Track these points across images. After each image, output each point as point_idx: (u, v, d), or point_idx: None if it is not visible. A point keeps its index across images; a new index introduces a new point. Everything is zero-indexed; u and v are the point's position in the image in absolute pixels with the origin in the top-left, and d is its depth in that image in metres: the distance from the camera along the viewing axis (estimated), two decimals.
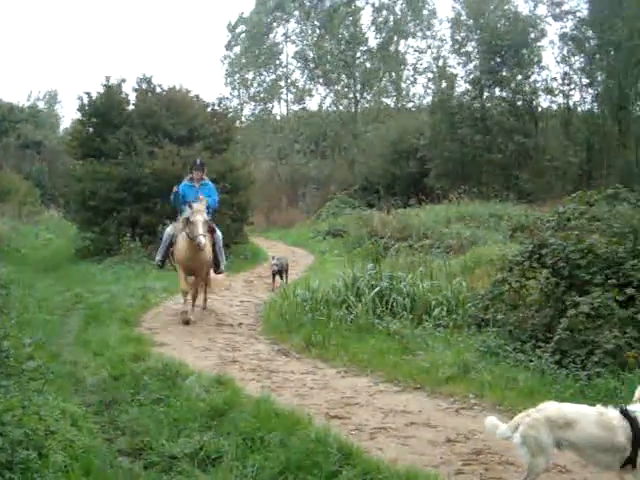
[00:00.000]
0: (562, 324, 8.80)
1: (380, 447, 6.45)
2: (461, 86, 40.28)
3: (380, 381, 8.99)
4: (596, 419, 4.93)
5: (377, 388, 8.71)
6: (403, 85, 53.20)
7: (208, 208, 12.88)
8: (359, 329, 11.02)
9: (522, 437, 5.03)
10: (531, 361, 8.72)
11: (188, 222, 12.42)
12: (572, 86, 41.79)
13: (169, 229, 13.58)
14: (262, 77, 53.98)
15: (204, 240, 12.20)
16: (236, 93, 54.73)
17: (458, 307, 11.32)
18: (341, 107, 51.74)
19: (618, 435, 4.80)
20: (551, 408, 5.12)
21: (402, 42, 52.83)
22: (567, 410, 5.08)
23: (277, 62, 54.18)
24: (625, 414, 4.89)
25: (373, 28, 51.23)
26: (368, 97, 53.03)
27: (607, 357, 8.19)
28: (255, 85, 54.34)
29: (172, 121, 23.76)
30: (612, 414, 4.93)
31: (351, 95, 51.21)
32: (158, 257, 13.79)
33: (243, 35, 54.08)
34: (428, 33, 51.77)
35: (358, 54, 50.88)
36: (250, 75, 54.16)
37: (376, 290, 11.83)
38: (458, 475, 5.81)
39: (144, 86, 25.14)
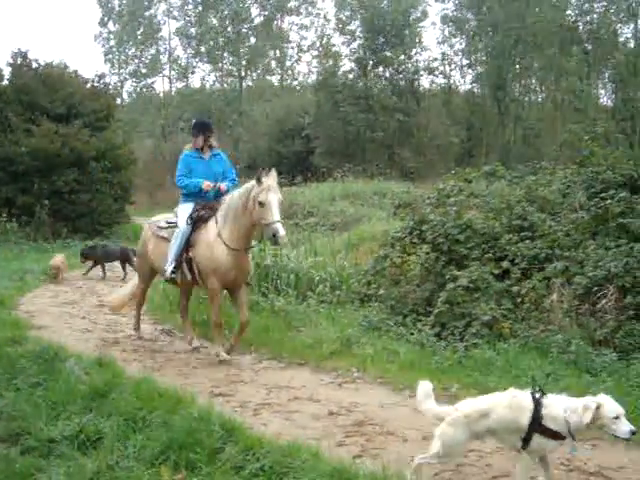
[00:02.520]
0: (441, 298, 9.06)
1: (264, 423, 6.45)
2: (345, 65, 40.63)
3: (264, 358, 9.00)
4: (509, 402, 4.99)
5: (261, 365, 8.72)
6: (288, 63, 53.26)
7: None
8: None
9: (440, 432, 5.05)
10: (412, 334, 8.93)
11: (256, 205, 8.34)
12: (452, 66, 42.87)
13: (182, 224, 9.04)
14: (142, 53, 52.71)
15: (285, 232, 8.53)
16: (116, 70, 53.37)
17: (342, 283, 11.46)
18: (226, 85, 51.31)
19: (524, 416, 4.90)
20: (466, 405, 5.17)
21: (286, 19, 52.81)
22: (481, 403, 5.12)
23: (158, 37, 53.08)
24: (533, 397, 4.98)
25: (257, 5, 50.91)
26: (253, 75, 52.80)
27: (484, 328, 8.49)
28: (136, 61, 53.09)
29: (49, 98, 23.04)
30: (523, 396, 5.02)
31: (236, 73, 50.80)
32: (169, 265, 9.02)
33: (122, 10, 52.60)
34: (312, 10, 51.88)
35: (243, 31, 50.44)
36: (131, 51, 52.86)
37: (260, 268, 11.80)
38: (340, 447, 5.87)
39: (19, 61, 24.25)
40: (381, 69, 40.42)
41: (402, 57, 39.59)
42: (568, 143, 18.69)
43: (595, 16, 38.72)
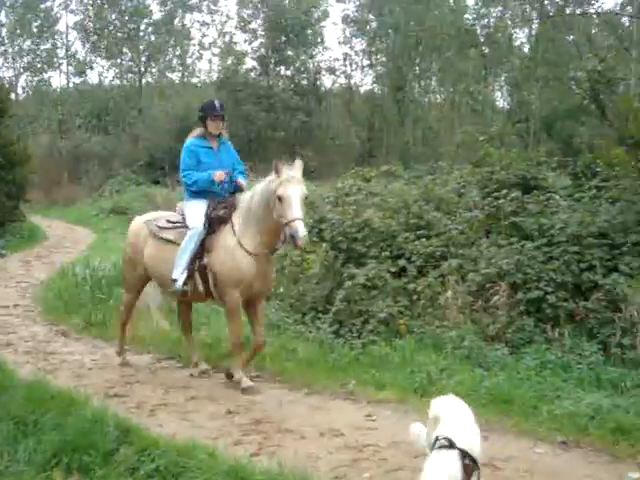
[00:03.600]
0: (340, 295, 9.15)
1: (160, 423, 6.39)
2: (247, 63, 40.51)
3: (162, 358, 8.92)
4: None
5: (159, 365, 8.66)
6: (189, 60, 52.71)
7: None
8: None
9: None
10: (311, 332, 8.98)
11: (277, 200, 7.11)
12: (354, 67, 43.28)
13: (195, 224, 7.64)
14: (38, 46, 51.14)
15: (305, 232, 7.17)
16: (10, 63, 51.64)
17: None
18: (125, 81, 50.38)
19: None
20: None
21: (187, 16, 52.26)
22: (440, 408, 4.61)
23: (54, 31, 51.62)
24: None
25: (157, 1, 50.24)
26: (153, 71, 52.03)
27: (381, 325, 8.64)
28: (31, 55, 51.49)
29: None
30: None
31: (135, 69, 49.96)
32: (179, 275, 7.61)
33: (15, 1, 50.85)
34: (214, 8, 51.50)
35: (142, 27, 49.65)
36: (25, 44, 51.21)
37: None
38: (237, 445, 5.87)
39: None
40: (283, 68, 40.52)
41: (304, 57, 39.78)
42: (464, 144, 19.15)
43: (492, 20, 39.75)
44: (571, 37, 30.85)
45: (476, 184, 10.99)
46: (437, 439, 4.01)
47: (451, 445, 3.93)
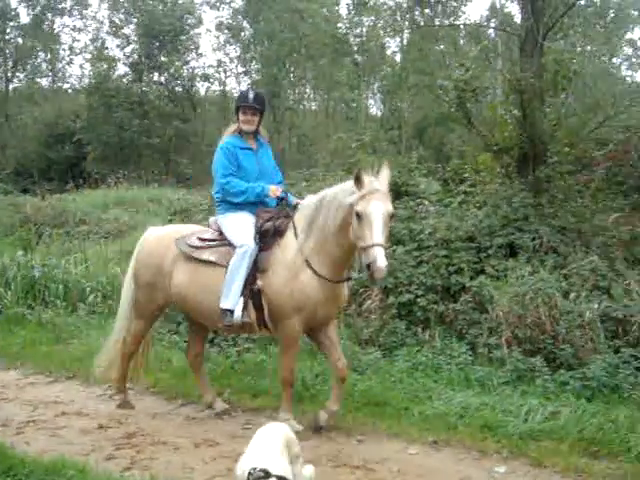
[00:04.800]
0: None
1: (27, 441, 6.17)
2: (120, 69, 39.74)
3: (30, 373, 8.61)
4: None
5: (27, 380, 8.35)
6: (59, 65, 51.16)
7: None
8: (8, 321, 10.47)
9: None
10: (186, 342, 8.85)
11: (355, 217, 5.80)
12: (228, 74, 43.12)
13: (244, 241, 6.34)
14: None
15: (385, 263, 5.68)
16: None
17: (114, 293, 11.15)
18: None
19: None
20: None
21: (57, 20, 50.76)
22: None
23: None
24: None
25: (24, 3, 48.53)
26: (21, 76, 50.22)
27: None
28: None
29: None
30: None
31: (2, 74, 48.11)
32: (233, 304, 6.27)
33: None
34: (85, 12, 50.21)
35: (8, 30, 47.84)
36: None
37: (26, 279, 11.27)
38: (109, 460, 5.74)
39: None
40: (157, 74, 39.94)
41: (178, 63, 39.32)
42: (338, 151, 19.36)
43: (364, 29, 40.40)
44: (440, 47, 31.77)
45: None
46: (250, 473, 3.90)
47: (267, 475, 3.89)
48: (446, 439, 6.08)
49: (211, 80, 41.99)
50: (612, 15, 42.46)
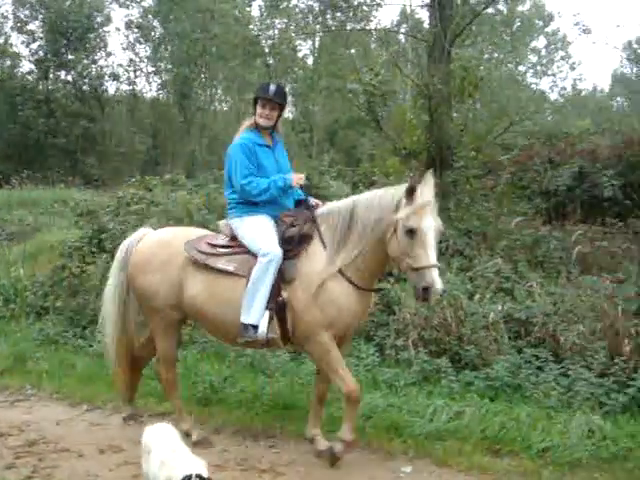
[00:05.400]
0: None
1: None
2: (25, 66, 38.68)
3: None
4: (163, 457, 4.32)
5: None
6: None
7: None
8: None
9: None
10: (91, 346, 8.70)
11: (401, 232, 5.27)
12: (138, 73, 42.49)
13: (269, 248, 5.66)
14: None
15: (442, 285, 5.23)
16: None
17: (16, 296, 10.85)
18: None
19: None
20: (146, 433, 4.73)
21: None
22: (149, 437, 4.61)
23: None
24: None
25: None
26: None
27: None
28: None
29: None
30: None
31: None
32: (257, 318, 5.61)
33: None
34: None
35: None
36: None
37: None
38: (9, 469, 5.56)
39: None
40: (64, 73, 39.03)
41: (86, 61, 38.52)
42: None
43: (276, 31, 40.40)
44: (351, 51, 32.02)
45: None
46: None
47: None
48: (354, 441, 6.09)
49: (120, 79, 41.29)
50: (518, 24, 43.69)
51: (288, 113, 43.08)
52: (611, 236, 10.18)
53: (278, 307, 5.60)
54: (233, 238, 6.02)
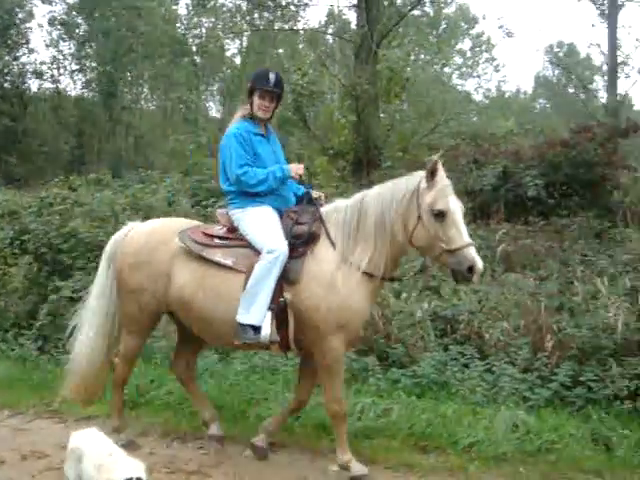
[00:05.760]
0: (44, 310, 8.74)
1: None
2: None
3: None
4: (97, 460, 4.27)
5: None
6: None
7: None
8: None
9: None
10: (13, 350, 8.51)
11: (427, 215, 5.10)
12: (62, 71, 41.65)
13: (274, 244, 5.29)
14: None
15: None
16: None
17: None
18: None
19: None
20: (74, 438, 4.61)
21: None
22: (80, 442, 4.48)
23: None
24: None
25: None
26: None
27: None
28: None
29: None
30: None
31: None
32: (259, 319, 5.21)
33: None
34: None
35: None
36: None
37: None
38: None
39: None
40: None
41: (7, 58, 37.55)
42: (176, 152, 19.15)
43: (204, 30, 40.13)
44: (279, 51, 32.07)
45: (186, 192, 11.03)
46: None
47: None
48: (282, 440, 6.09)
49: (44, 77, 40.37)
50: (444, 26, 44.34)
51: (216, 112, 43.01)
52: (534, 234, 10.42)
53: (278, 309, 5.26)
54: (231, 229, 5.67)
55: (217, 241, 5.60)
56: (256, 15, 32.57)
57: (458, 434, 5.91)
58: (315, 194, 5.80)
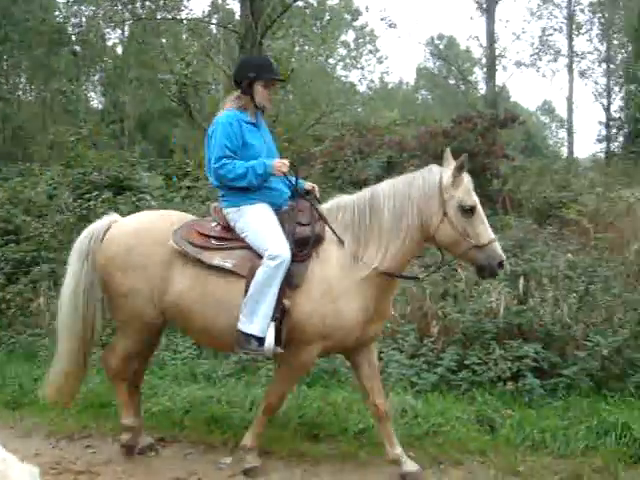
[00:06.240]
0: None
1: None
2: None
3: None
4: None
5: None
6: None
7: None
8: None
9: None
10: None
11: (454, 211, 4.94)
12: None
13: (277, 249, 4.96)
14: None
15: None
16: None
17: None
18: None
19: None
20: None
21: None
22: None
23: None
24: None
25: None
26: None
27: None
28: None
29: None
30: None
31: None
32: (261, 329, 4.89)
33: None
34: None
35: None
36: None
37: None
38: None
39: None
40: None
41: None
42: (57, 144, 18.61)
43: (84, 19, 39.02)
44: (162, 41, 31.52)
45: (68, 185, 10.74)
46: None
47: None
48: (173, 435, 6.03)
49: None
50: (328, 18, 44.62)
51: (98, 103, 42.02)
52: None
53: (280, 314, 4.96)
54: (226, 227, 5.29)
55: (214, 242, 5.22)
56: (138, 4, 31.98)
57: (348, 421, 5.99)
58: (308, 186, 5.55)
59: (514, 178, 12.38)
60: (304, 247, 5.05)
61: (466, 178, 4.99)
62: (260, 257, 5.00)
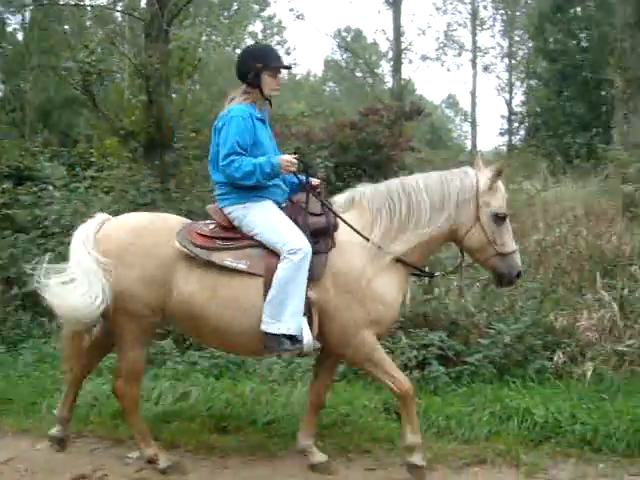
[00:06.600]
0: None
1: None
2: None
3: None
4: None
5: None
6: None
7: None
8: None
9: None
10: None
11: (488, 218, 4.90)
12: None
13: (297, 243, 4.77)
14: None
15: None
16: None
17: None
18: None
19: None
20: None
21: None
22: None
23: None
24: None
25: None
26: None
27: None
28: None
29: None
30: None
31: None
32: (296, 327, 4.72)
33: None
34: None
35: None
36: None
37: None
38: None
39: None
40: None
41: None
42: None
43: None
44: (65, 27, 30.73)
45: None
46: None
47: None
48: (78, 431, 5.90)
49: None
50: (235, 8, 44.34)
51: None
52: None
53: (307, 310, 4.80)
54: (226, 227, 5.06)
55: (220, 243, 4.97)
56: None
57: (257, 413, 6.00)
58: (315, 182, 5.43)
59: (419, 170, 12.57)
60: (321, 238, 4.92)
61: (502, 186, 4.97)
62: (273, 253, 4.84)
